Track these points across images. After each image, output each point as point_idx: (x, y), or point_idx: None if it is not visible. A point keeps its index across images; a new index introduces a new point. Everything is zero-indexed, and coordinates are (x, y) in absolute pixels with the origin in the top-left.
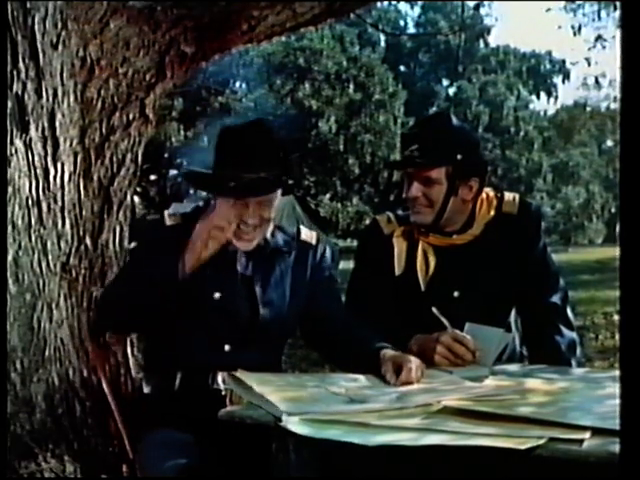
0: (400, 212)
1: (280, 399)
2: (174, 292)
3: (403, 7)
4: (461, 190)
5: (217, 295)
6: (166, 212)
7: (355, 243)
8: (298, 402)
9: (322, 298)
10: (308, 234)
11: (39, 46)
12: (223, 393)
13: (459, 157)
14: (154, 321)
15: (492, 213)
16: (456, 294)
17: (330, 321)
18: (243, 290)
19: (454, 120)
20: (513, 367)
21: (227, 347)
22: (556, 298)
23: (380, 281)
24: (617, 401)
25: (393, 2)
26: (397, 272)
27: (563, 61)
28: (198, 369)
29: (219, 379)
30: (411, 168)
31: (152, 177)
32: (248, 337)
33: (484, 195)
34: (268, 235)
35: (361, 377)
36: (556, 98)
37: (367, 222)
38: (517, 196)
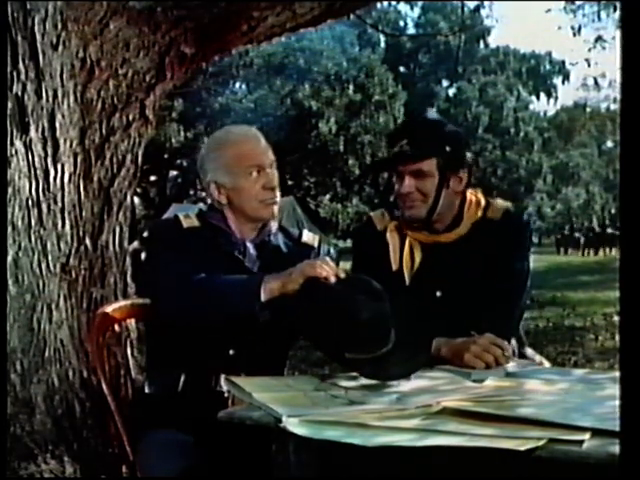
0: (396, 210)
1: (280, 405)
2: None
3: (403, 8)
4: (452, 182)
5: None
6: (180, 214)
7: None
8: (298, 407)
9: None
10: (310, 237)
11: (39, 47)
12: (226, 395)
13: (448, 149)
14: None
15: (479, 215)
16: (439, 294)
17: None
18: None
19: (437, 116)
20: (513, 368)
21: (231, 351)
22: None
23: (376, 277)
24: (617, 402)
25: (393, 3)
26: (394, 267)
27: (563, 62)
28: (202, 371)
29: (222, 381)
30: (402, 164)
31: (152, 178)
32: (250, 339)
33: (473, 197)
34: (273, 231)
35: (361, 377)
36: (556, 99)
37: None
38: (505, 204)
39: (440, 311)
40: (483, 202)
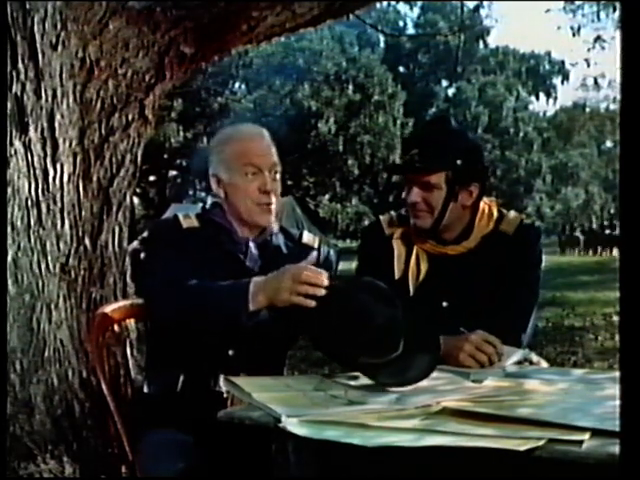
0: (403, 212)
1: (279, 405)
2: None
3: (402, 8)
4: (461, 196)
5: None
6: (180, 214)
7: (354, 244)
8: (297, 407)
9: None
10: (310, 238)
11: (38, 47)
12: (225, 395)
13: (459, 162)
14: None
15: (490, 227)
16: (445, 304)
17: None
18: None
19: (454, 124)
20: (513, 368)
21: (231, 352)
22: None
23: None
24: (617, 402)
25: (393, 3)
26: (397, 275)
27: (562, 62)
28: (201, 371)
29: (221, 381)
30: (411, 173)
31: (152, 178)
32: (250, 339)
33: (486, 208)
34: (274, 231)
35: (361, 377)
36: (555, 99)
37: (366, 223)
38: (520, 217)
39: (446, 321)
40: (496, 214)
